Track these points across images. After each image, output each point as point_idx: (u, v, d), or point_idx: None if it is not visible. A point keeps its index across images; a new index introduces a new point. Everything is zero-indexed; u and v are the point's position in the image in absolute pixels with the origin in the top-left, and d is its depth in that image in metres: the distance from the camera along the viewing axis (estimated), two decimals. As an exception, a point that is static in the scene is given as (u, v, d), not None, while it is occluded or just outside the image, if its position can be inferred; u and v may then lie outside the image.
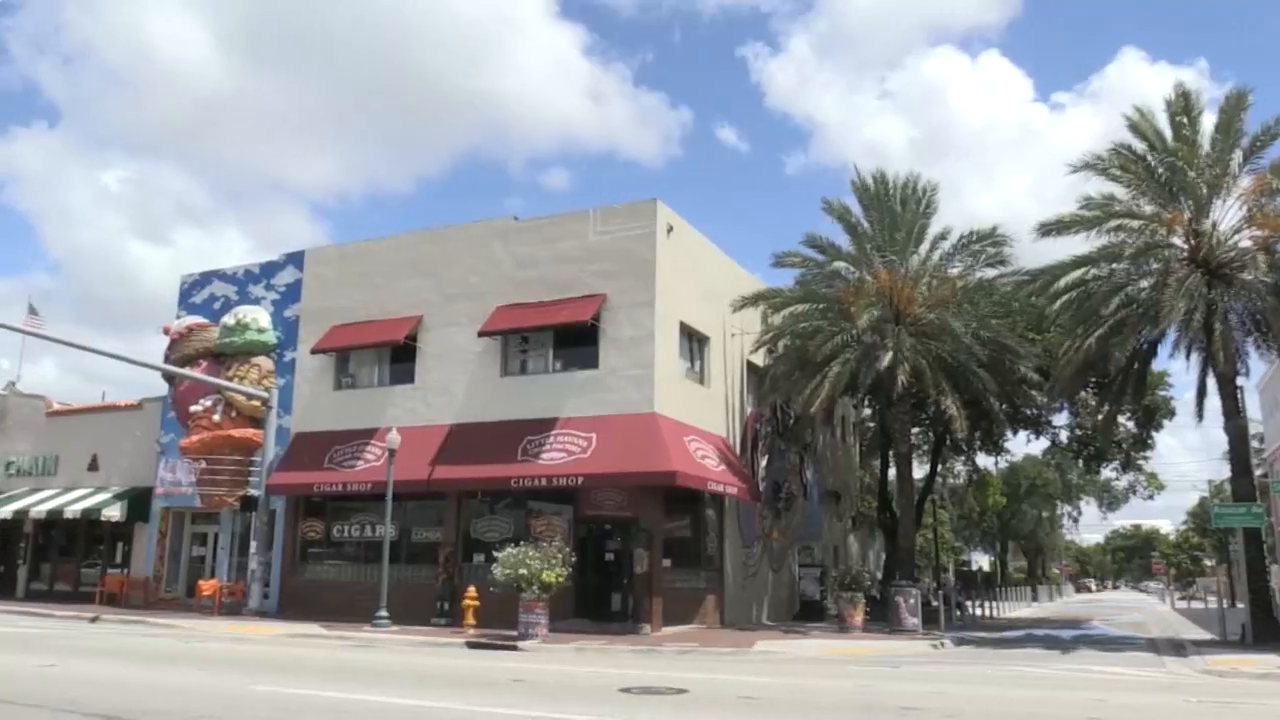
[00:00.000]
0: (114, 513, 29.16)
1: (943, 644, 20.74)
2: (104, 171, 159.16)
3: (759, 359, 28.53)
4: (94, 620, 23.54)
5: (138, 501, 29.43)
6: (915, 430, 34.48)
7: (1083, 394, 29.86)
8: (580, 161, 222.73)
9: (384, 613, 21.42)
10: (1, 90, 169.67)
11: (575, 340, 23.86)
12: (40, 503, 30.53)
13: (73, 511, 29.45)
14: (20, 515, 30.79)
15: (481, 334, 24.45)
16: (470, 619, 21.33)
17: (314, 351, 26.83)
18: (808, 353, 25.06)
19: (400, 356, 26.06)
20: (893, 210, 26.32)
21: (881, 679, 13.56)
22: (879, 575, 32.27)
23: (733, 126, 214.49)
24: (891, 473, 33.18)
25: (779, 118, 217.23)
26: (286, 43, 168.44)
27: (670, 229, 24.05)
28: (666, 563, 22.89)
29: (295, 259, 28.69)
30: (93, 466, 31.51)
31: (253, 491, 26.49)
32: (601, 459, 21.89)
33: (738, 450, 26.91)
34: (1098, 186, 23.01)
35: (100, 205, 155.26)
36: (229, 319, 28.38)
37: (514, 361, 24.94)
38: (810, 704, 10.67)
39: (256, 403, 27.01)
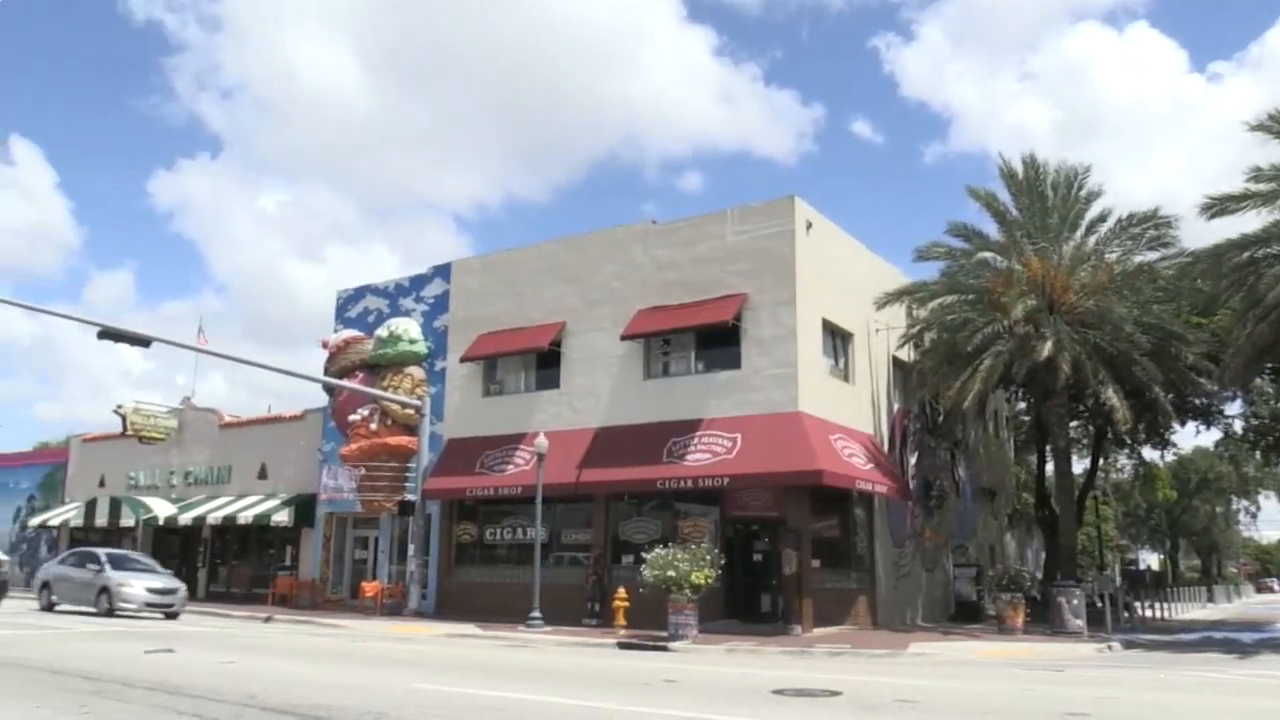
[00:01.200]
0: (283, 518, 30.76)
1: (1110, 647, 19.81)
2: (263, 196, 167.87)
3: (905, 354, 27.87)
4: (267, 620, 24.84)
5: (303, 507, 30.94)
6: (1073, 423, 33.06)
7: (1258, 381, 28.05)
8: (714, 163, 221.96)
9: (537, 613, 21.85)
10: (169, 126, 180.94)
11: (717, 341, 23.83)
12: (216, 509, 32.51)
13: (245, 517, 31.25)
14: (199, 521, 32.86)
15: (624, 338, 24.70)
16: (620, 620, 21.56)
17: (463, 360, 27.61)
18: (956, 346, 24.38)
19: (545, 362, 26.55)
20: (1044, 196, 25.42)
21: (1045, 683, 13.04)
22: (1039, 575, 31.08)
23: (867, 119, 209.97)
24: (1049, 468, 31.89)
25: (914, 107, 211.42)
26: (424, 64, 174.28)
27: (809, 225, 23.75)
28: (816, 563, 22.62)
29: (442, 271, 29.60)
30: (262, 475, 33.33)
31: (409, 496, 27.42)
32: (747, 459, 21.79)
33: (886, 448, 26.35)
34: (1269, 155, 21.53)
35: (260, 229, 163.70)
36: (382, 331, 29.51)
37: (656, 364, 25.08)
38: (971, 708, 10.33)
39: (410, 411, 27.96)
